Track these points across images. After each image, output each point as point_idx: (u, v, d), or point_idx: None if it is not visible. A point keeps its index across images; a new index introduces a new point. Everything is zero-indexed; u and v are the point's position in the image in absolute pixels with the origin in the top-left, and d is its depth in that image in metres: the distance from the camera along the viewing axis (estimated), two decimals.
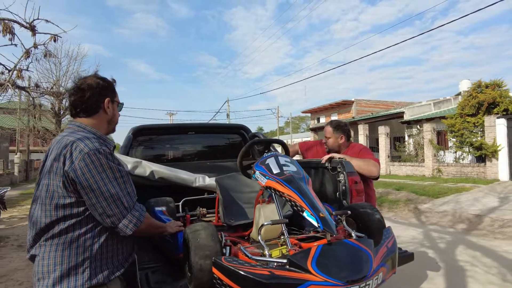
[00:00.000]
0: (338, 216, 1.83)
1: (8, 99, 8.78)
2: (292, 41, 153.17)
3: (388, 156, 16.92)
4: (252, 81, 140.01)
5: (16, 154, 21.74)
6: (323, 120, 32.40)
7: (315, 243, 1.74)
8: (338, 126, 2.98)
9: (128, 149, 3.24)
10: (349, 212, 1.87)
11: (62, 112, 15.98)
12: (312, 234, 2.04)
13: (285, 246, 1.66)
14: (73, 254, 1.24)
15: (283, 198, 1.67)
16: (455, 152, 13.97)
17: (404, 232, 6.05)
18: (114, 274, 1.34)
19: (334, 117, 30.36)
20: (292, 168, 1.85)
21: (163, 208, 2.26)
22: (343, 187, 2.40)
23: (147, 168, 2.74)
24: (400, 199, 9.19)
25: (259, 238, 1.55)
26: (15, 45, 6.12)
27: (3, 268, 4.58)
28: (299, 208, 1.55)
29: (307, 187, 1.70)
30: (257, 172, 1.91)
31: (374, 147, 20.06)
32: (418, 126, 16.60)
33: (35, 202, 1.31)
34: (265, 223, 1.59)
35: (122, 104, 1.58)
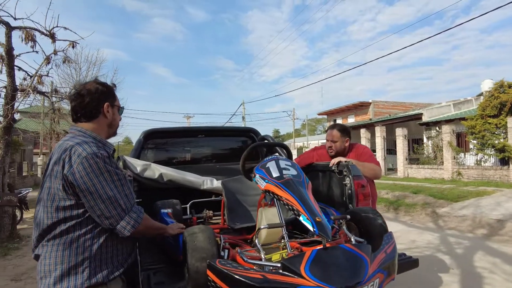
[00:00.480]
0: (340, 221, 1.81)
1: (30, 104, 9.15)
2: (309, 43, 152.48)
3: (406, 159, 16.55)
4: (268, 83, 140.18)
5: (39, 157, 22.54)
6: (339, 121, 32.06)
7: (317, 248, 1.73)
8: (344, 130, 2.98)
9: (139, 152, 3.31)
10: (348, 216, 1.85)
11: None
12: (315, 238, 2.01)
13: (286, 250, 1.64)
14: (73, 254, 1.28)
15: (281, 202, 1.66)
16: (476, 154, 13.53)
17: (420, 237, 5.90)
18: (114, 274, 1.37)
19: (351, 119, 29.99)
20: (292, 171, 1.84)
21: (169, 210, 2.29)
22: (349, 191, 2.37)
23: (156, 170, 2.79)
24: (417, 203, 8.96)
25: (256, 241, 1.56)
26: (36, 52, 6.37)
27: (23, 266, 4.76)
28: (296, 212, 1.55)
29: (305, 191, 1.69)
30: (257, 175, 1.92)
31: (391, 149, 19.67)
32: (437, 128, 16.16)
33: (39, 204, 1.36)
34: (262, 227, 1.60)
35: (123, 108, 1.62)
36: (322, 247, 1.37)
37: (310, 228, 1.45)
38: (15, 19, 5.96)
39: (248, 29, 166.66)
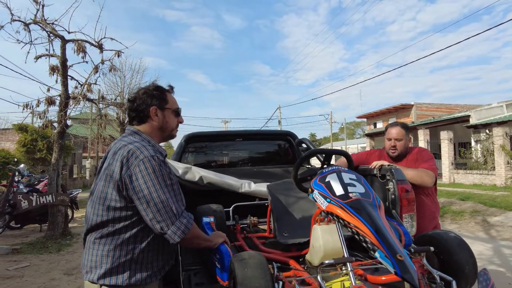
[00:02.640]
0: (418, 254, 1.55)
1: (80, 110, 9.83)
2: (346, 45, 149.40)
3: (452, 164, 15.61)
4: (304, 87, 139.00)
5: (87, 160, 24.10)
6: (380, 125, 30.96)
7: (384, 277, 1.51)
8: (407, 127, 2.70)
9: (180, 155, 3.44)
10: (432, 248, 1.57)
11: (126, 121, 17.43)
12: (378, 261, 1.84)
13: (347, 277, 1.42)
14: (116, 256, 1.34)
15: (348, 229, 1.40)
16: None
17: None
18: (151, 278, 1.41)
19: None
20: (360, 188, 1.54)
21: (211, 220, 2.13)
22: (392, 196, 2.28)
23: (196, 173, 2.87)
24: (466, 210, 8.40)
25: (319, 278, 1.38)
26: (86, 62, 6.85)
27: (74, 262, 5.09)
28: (369, 245, 1.30)
29: (379, 216, 1.39)
30: (315, 191, 1.63)
31: (435, 153, 18.65)
32: (487, 131, 15.08)
33: (90, 200, 1.43)
34: (326, 262, 1.38)
35: (180, 109, 1.59)
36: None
37: (391, 269, 1.21)
38: (68, 32, 6.47)
39: (284, 33, 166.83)
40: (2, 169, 10.80)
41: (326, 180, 1.62)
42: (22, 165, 9.97)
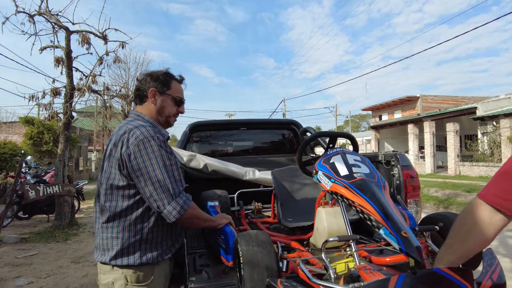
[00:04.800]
0: (424, 233, 1.53)
1: (85, 103, 9.91)
2: (351, 38, 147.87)
3: (458, 156, 15.50)
4: (309, 80, 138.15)
5: (93, 153, 24.30)
6: (385, 117, 30.77)
7: (388, 259, 1.52)
8: None
9: (185, 144, 3.46)
10: (437, 227, 1.55)
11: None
12: (383, 244, 1.81)
13: (351, 259, 1.42)
14: (126, 237, 1.37)
15: (353, 208, 1.40)
16: None
17: None
18: (162, 256, 1.44)
19: (398, 115, 28.67)
20: (364, 169, 1.52)
21: (216, 204, 2.12)
22: (397, 182, 2.28)
23: (201, 161, 2.89)
24: None
25: (323, 256, 1.36)
26: (91, 53, 6.86)
27: (81, 251, 5.17)
28: (374, 223, 1.29)
29: (383, 195, 1.38)
30: (319, 172, 1.62)
31: (441, 145, 18.52)
32: (494, 123, 14.92)
33: (99, 183, 1.46)
34: (331, 239, 1.38)
35: (180, 99, 1.59)
36: (410, 271, 1.09)
37: (395, 245, 1.20)
38: (73, 24, 6.47)
39: (288, 25, 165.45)
40: (10, 161, 10.92)
41: (331, 161, 1.61)
42: (29, 157, 10.11)
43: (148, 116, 1.53)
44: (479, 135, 16.12)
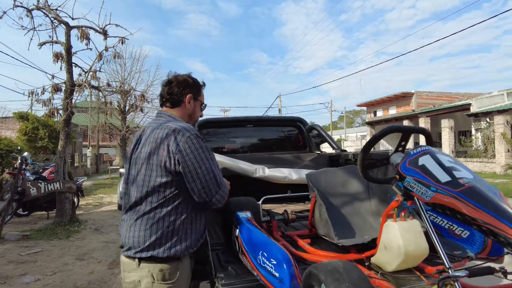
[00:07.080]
0: None
1: (85, 98, 9.81)
2: (345, 33, 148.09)
3: (452, 151, 15.73)
4: (304, 76, 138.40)
5: (88, 149, 24.11)
6: (380, 113, 30.99)
7: None
8: None
9: None
10: None
11: (127, 109, 17.36)
12: (463, 263, 1.48)
13: (436, 286, 1.12)
14: (159, 228, 1.42)
15: (474, 226, 1.08)
16: None
17: None
18: (188, 250, 1.49)
19: (392, 111, 28.90)
20: (466, 173, 1.18)
21: (248, 215, 1.93)
22: None
23: None
24: None
25: None
26: (90, 49, 6.79)
27: (84, 247, 5.18)
28: (502, 239, 1.00)
29: (505, 206, 1.07)
30: (408, 177, 1.29)
31: (436, 141, 18.74)
32: (488, 119, 15.15)
33: (133, 184, 1.47)
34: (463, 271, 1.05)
35: (205, 105, 1.75)
36: None
37: None
38: (72, 19, 6.40)
39: (282, 21, 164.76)
40: (6, 157, 10.80)
41: (419, 163, 1.28)
42: (26, 153, 9.99)
43: (179, 118, 1.61)
44: (473, 131, 16.36)
